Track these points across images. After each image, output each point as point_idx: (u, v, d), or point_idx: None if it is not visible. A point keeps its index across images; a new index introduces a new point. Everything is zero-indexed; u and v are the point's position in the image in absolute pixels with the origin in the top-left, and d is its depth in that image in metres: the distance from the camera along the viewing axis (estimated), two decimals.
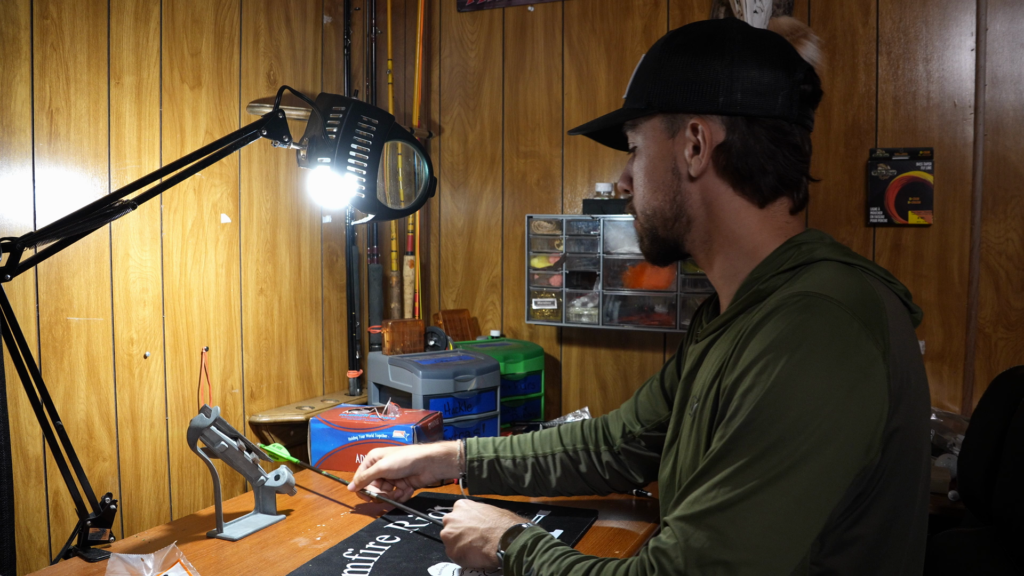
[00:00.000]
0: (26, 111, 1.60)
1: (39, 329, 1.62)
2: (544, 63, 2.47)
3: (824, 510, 0.85)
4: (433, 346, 2.30)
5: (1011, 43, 1.98)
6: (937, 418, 1.93)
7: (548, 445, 1.45)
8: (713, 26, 1.04)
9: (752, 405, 0.85)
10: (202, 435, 1.38)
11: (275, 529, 1.44)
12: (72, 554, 1.33)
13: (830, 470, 0.83)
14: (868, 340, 0.85)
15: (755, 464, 0.84)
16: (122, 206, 1.29)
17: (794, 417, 0.83)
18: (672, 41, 1.05)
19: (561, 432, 1.46)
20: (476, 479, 1.45)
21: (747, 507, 0.83)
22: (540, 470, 1.44)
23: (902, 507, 0.91)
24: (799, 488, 0.82)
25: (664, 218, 1.07)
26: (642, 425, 1.38)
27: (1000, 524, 1.25)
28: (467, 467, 1.45)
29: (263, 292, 2.19)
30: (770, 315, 0.89)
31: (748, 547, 0.82)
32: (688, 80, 1.01)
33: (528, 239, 2.34)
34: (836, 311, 0.86)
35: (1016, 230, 2.00)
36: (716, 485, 0.86)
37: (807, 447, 0.82)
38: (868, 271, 0.97)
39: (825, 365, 0.84)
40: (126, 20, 1.78)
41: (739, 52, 1.00)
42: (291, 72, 2.29)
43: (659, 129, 1.05)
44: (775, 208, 1.04)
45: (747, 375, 0.88)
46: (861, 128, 2.13)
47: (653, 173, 1.07)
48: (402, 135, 1.49)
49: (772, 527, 0.82)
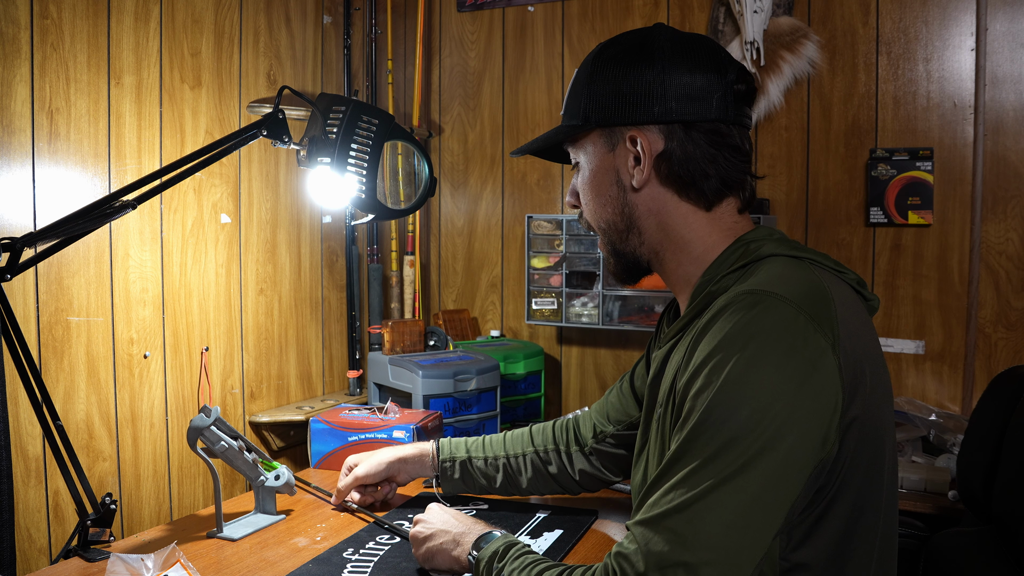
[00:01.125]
0: (26, 111, 1.60)
1: (39, 329, 1.62)
2: (544, 63, 2.47)
3: (783, 505, 0.85)
4: (433, 346, 2.30)
5: (1011, 43, 1.98)
6: (937, 418, 1.93)
7: (519, 446, 1.47)
8: (642, 35, 1.05)
9: (704, 405, 0.87)
10: (202, 435, 1.38)
11: (275, 529, 1.44)
12: (72, 554, 1.33)
13: (786, 465, 0.84)
14: (816, 333, 0.86)
15: (709, 464, 0.84)
16: (122, 206, 1.29)
17: (746, 415, 0.84)
18: (603, 54, 1.06)
19: (533, 432, 1.48)
20: (449, 479, 1.48)
21: (704, 507, 0.83)
22: (511, 471, 1.46)
23: (868, 498, 0.91)
24: (755, 485, 0.83)
25: (618, 230, 1.08)
26: (613, 425, 1.40)
27: (1000, 524, 1.25)
28: (439, 468, 1.48)
29: (263, 292, 2.19)
30: (718, 315, 0.91)
31: (707, 547, 0.83)
32: (621, 92, 1.02)
33: (528, 239, 2.34)
34: (782, 307, 0.87)
35: (1016, 230, 2.00)
36: (673, 487, 0.87)
37: (760, 444, 0.83)
38: (817, 263, 0.98)
39: (774, 361, 0.85)
40: (126, 20, 1.78)
41: (669, 59, 1.01)
42: (291, 72, 2.29)
43: (599, 143, 1.06)
44: (722, 210, 1.05)
45: (698, 376, 0.89)
46: (861, 128, 2.13)
47: (599, 187, 1.08)
48: (402, 135, 1.49)
49: (730, 525, 0.83)
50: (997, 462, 1.27)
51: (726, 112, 1.01)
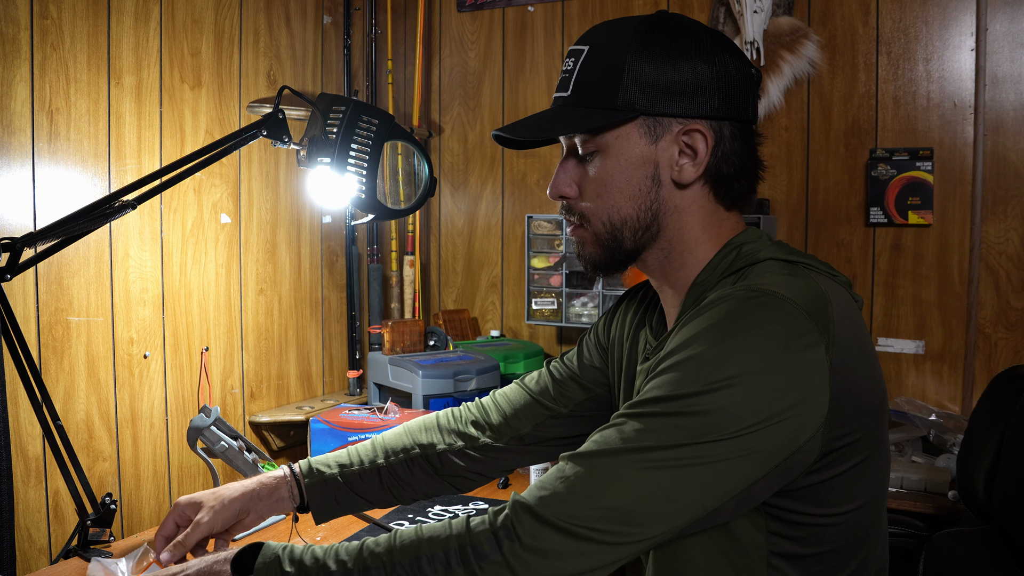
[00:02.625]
0: (26, 111, 1.60)
1: (39, 329, 1.62)
2: (544, 63, 2.47)
3: (728, 491, 0.83)
4: (433, 346, 2.30)
5: (1011, 43, 1.98)
6: (937, 418, 1.93)
7: (399, 446, 1.25)
8: (683, 23, 0.99)
9: (678, 379, 0.83)
10: (202, 435, 1.38)
11: (275, 529, 1.44)
12: (72, 554, 1.33)
13: (744, 450, 0.81)
14: (812, 330, 0.85)
15: (669, 428, 0.82)
16: (122, 206, 1.29)
17: (725, 395, 0.81)
18: (649, 36, 0.97)
19: (412, 430, 1.27)
20: (320, 501, 1.20)
21: (646, 467, 0.81)
22: (395, 474, 1.23)
23: (860, 502, 0.90)
24: (702, 465, 0.81)
25: (634, 228, 1.00)
26: (563, 406, 1.22)
27: (1000, 524, 1.25)
28: (307, 490, 1.20)
29: (263, 292, 2.19)
30: (710, 304, 0.88)
31: (620, 505, 0.81)
32: (675, 81, 0.96)
33: (528, 239, 2.34)
34: (783, 304, 0.85)
35: (1016, 230, 2.00)
36: (622, 431, 0.83)
37: (729, 424, 0.81)
38: (811, 267, 0.97)
39: (764, 346, 0.83)
40: (126, 20, 1.78)
41: (719, 51, 0.97)
42: (291, 72, 2.29)
43: (635, 134, 0.98)
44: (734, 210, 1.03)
45: (674, 354, 0.85)
46: (861, 128, 2.13)
47: (628, 180, 0.99)
48: (402, 135, 1.49)
49: (668, 496, 0.81)
50: (997, 462, 1.27)
51: (754, 112, 1.00)
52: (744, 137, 0.99)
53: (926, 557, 1.32)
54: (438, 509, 1.56)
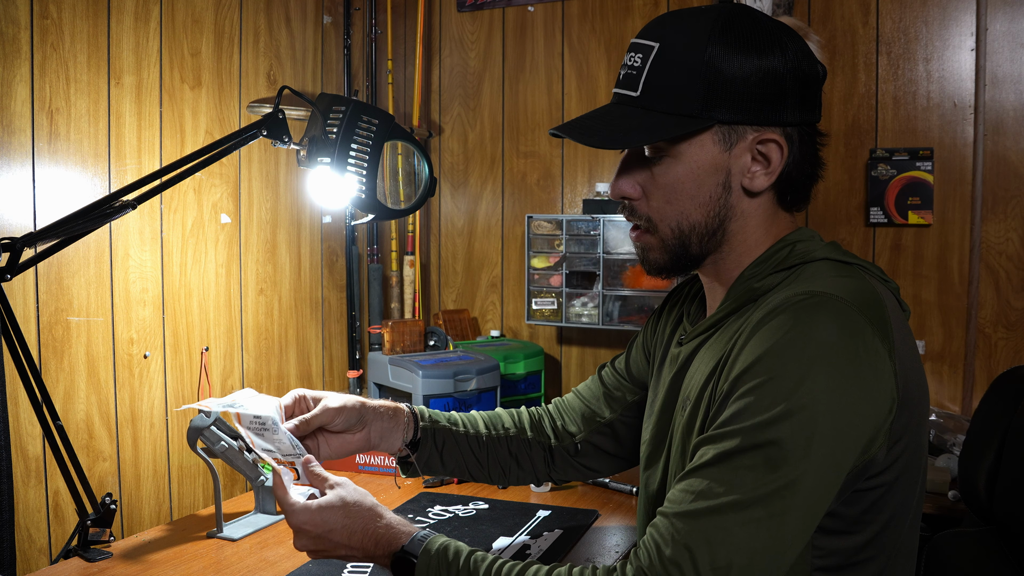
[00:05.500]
0: (26, 111, 1.59)
1: (39, 329, 1.62)
2: (544, 63, 2.47)
3: (820, 513, 0.84)
4: (433, 346, 2.30)
5: (1011, 43, 1.98)
6: (937, 418, 1.93)
7: (499, 427, 1.30)
8: (758, 20, 0.94)
9: (757, 405, 0.83)
10: (202, 435, 1.38)
11: (275, 529, 1.44)
12: (72, 554, 1.33)
13: (836, 473, 0.82)
14: (875, 338, 0.84)
15: (757, 468, 0.81)
16: (122, 206, 1.29)
17: (805, 418, 0.81)
18: (728, 33, 0.92)
19: (502, 417, 1.33)
20: (428, 447, 1.23)
21: (744, 511, 0.81)
22: (491, 452, 1.29)
23: (903, 508, 0.90)
24: (802, 494, 0.81)
25: (701, 234, 0.97)
26: (612, 410, 1.28)
27: (1001, 524, 1.25)
28: (420, 432, 1.23)
29: (263, 292, 2.19)
30: (773, 313, 0.86)
31: (742, 552, 0.81)
32: (753, 86, 0.91)
33: (528, 239, 2.34)
34: (845, 310, 0.84)
35: (1016, 230, 2.00)
36: (714, 483, 0.83)
37: (814, 450, 0.81)
38: (866, 270, 0.96)
39: (837, 365, 0.82)
40: (126, 20, 1.78)
41: (791, 52, 0.93)
42: (291, 72, 2.29)
43: (709, 140, 0.94)
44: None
45: (751, 374, 0.84)
46: (861, 128, 2.13)
47: (698, 187, 0.96)
48: (402, 135, 1.49)
49: (769, 535, 0.81)
50: (998, 462, 1.27)
51: (819, 115, 0.98)
52: (812, 139, 0.98)
53: (927, 557, 1.32)
54: (438, 509, 1.55)
